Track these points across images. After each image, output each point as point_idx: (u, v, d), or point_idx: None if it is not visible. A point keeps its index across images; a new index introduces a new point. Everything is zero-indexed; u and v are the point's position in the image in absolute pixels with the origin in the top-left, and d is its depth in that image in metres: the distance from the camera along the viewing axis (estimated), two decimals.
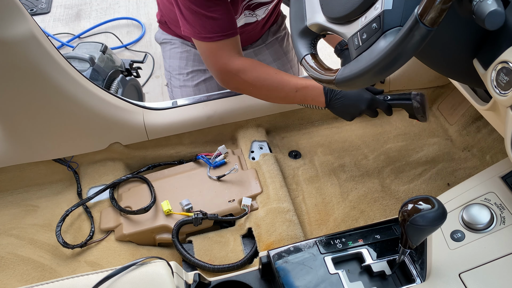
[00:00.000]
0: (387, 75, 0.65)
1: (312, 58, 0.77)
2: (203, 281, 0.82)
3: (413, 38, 0.57)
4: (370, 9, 0.65)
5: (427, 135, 1.38)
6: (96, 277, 0.71)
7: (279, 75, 1.14)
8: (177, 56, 1.50)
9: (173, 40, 1.50)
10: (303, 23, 0.79)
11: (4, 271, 1.07)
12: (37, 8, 2.98)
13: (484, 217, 0.79)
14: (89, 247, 1.12)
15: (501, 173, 0.85)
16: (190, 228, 1.12)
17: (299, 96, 1.15)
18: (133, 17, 2.89)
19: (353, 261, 0.83)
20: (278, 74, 1.14)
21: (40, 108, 1.11)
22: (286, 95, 1.16)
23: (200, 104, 1.31)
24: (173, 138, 1.31)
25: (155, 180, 1.23)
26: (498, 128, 0.81)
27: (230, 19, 1.11)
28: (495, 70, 0.64)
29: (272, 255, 0.83)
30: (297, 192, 1.24)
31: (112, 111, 1.21)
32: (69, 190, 1.26)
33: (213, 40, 1.11)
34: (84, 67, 1.60)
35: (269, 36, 1.54)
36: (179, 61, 1.49)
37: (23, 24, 0.96)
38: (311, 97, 1.14)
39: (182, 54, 1.49)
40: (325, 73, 0.73)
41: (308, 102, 1.17)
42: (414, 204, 0.66)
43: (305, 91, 1.13)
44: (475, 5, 0.57)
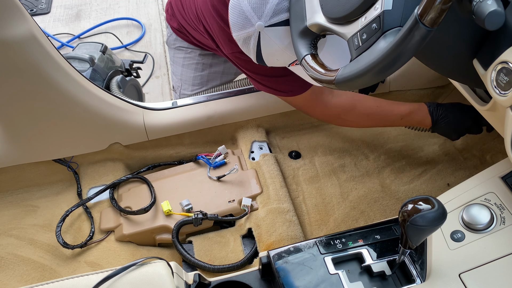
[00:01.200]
0: (387, 75, 0.65)
1: (312, 58, 0.77)
2: (203, 281, 0.82)
3: (413, 39, 0.57)
4: (370, 9, 0.65)
5: (427, 135, 1.38)
6: (96, 278, 0.71)
7: (380, 107, 1.15)
8: (191, 67, 1.47)
9: (190, 48, 1.45)
10: (303, 23, 0.79)
11: (4, 271, 1.07)
12: (37, 8, 2.98)
13: (484, 217, 0.79)
14: (89, 248, 1.12)
15: (501, 173, 0.85)
16: (190, 228, 1.12)
17: (405, 122, 1.16)
18: (133, 18, 2.89)
19: (353, 261, 0.83)
20: (380, 106, 1.15)
21: (40, 109, 1.11)
22: (391, 124, 1.18)
23: (200, 104, 1.31)
24: (173, 138, 1.31)
25: (155, 180, 1.23)
26: (498, 128, 0.81)
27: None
28: (495, 70, 0.64)
29: (272, 256, 0.83)
30: (297, 193, 1.24)
31: (112, 111, 1.21)
32: (69, 190, 1.26)
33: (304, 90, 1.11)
34: (84, 67, 1.60)
35: None
36: (194, 73, 1.46)
37: (23, 24, 0.96)
38: (416, 121, 1.15)
39: (198, 66, 1.45)
40: (325, 73, 0.73)
41: (414, 125, 1.18)
42: (414, 204, 0.66)
43: (410, 117, 1.14)
44: (475, 5, 0.57)
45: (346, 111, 1.15)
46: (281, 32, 0.86)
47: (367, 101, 1.16)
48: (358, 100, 1.15)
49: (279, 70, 1.05)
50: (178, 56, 1.50)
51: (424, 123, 1.15)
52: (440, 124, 1.14)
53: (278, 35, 0.86)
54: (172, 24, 1.46)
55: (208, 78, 1.46)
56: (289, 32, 0.85)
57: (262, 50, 0.90)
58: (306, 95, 1.13)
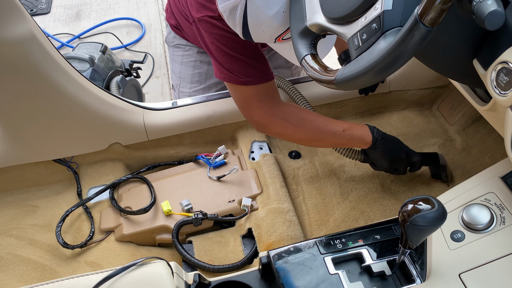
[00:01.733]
0: (387, 75, 0.65)
1: (312, 58, 0.77)
2: (203, 281, 0.82)
3: (413, 39, 0.57)
4: (370, 9, 0.65)
5: (427, 135, 1.38)
6: (96, 278, 0.71)
7: (323, 117, 1.13)
8: (190, 64, 1.47)
9: (188, 46, 1.46)
10: (303, 23, 0.79)
11: (4, 271, 1.07)
12: (37, 8, 2.98)
13: (484, 217, 0.79)
14: (89, 248, 1.12)
15: (501, 173, 0.85)
16: (190, 228, 1.12)
17: (347, 136, 1.12)
18: (133, 18, 2.89)
19: (353, 262, 0.83)
20: (322, 116, 1.13)
21: (40, 109, 1.11)
22: (333, 135, 1.12)
23: (200, 104, 1.31)
24: (173, 138, 1.31)
25: (155, 180, 1.23)
26: (498, 129, 0.81)
27: (266, 62, 1.09)
28: (495, 70, 0.64)
29: (272, 256, 0.83)
30: (297, 193, 1.24)
31: (112, 111, 1.21)
32: (69, 190, 1.26)
33: (253, 83, 1.07)
34: (84, 67, 1.60)
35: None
36: (192, 70, 1.47)
37: (23, 24, 0.96)
38: (358, 136, 1.12)
39: (196, 64, 1.46)
40: (325, 73, 0.73)
41: (354, 141, 1.14)
42: (414, 204, 0.66)
43: (352, 130, 1.12)
44: (475, 5, 0.57)
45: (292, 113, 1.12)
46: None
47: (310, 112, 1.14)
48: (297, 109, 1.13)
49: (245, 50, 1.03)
50: (176, 54, 1.50)
51: (364, 140, 1.12)
52: (377, 147, 1.13)
53: (265, 2, 0.85)
54: (171, 22, 1.46)
55: (207, 75, 1.46)
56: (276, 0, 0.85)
57: (249, 20, 0.89)
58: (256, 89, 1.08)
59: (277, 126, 1.12)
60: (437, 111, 1.45)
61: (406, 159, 1.16)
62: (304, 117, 1.11)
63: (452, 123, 1.39)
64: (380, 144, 1.12)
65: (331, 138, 1.12)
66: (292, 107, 1.13)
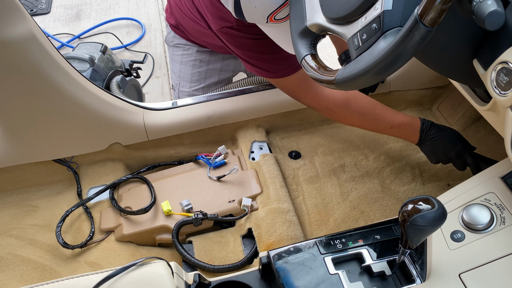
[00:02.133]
0: (387, 75, 0.65)
1: (312, 59, 0.77)
2: (203, 281, 0.82)
3: (413, 39, 0.57)
4: (370, 9, 0.65)
5: None
6: (96, 278, 0.71)
7: (374, 109, 1.12)
8: (189, 64, 1.48)
9: (187, 45, 1.47)
10: (303, 23, 0.79)
11: (4, 271, 1.07)
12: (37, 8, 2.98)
13: (484, 218, 0.79)
14: (89, 248, 1.12)
15: (501, 173, 0.85)
16: (190, 228, 1.12)
17: (393, 132, 1.14)
18: (133, 18, 2.89)
19: (353, 262, 0.83)
20: (373, 109, 1.12)
21: (40, 109, 1.11)
22: (380, 129, 1.16)
23: (200, 105, 1.31)
24: (173, 138, 1.31)
25: (155, 180, 1.23)
26: (498, 129, 0.81)
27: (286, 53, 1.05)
28: (495, 71, 0.64)
29: (272, 256, 0.83)
30: (297, 193, 1.24)
31: (112, 111, 1.21)
32: (69, 190, 1.26)
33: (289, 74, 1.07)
34: (84, 67, 1.60)
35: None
36: (192, 70, 1.47)
37: (23, 24, 0.96)
38: (405, 135, 1.14)
39: (195, 63, 1.46)
40: (325, 73, 0.73)
41: (401, 137, 1.15)
42: (414, 204, 0.66)
43: (400, 129, 1.12)
44: (475, 5, 0.57)
45: (338, 105, 1.12)
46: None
47: (362, 100, 1.13)
48: (353, 97, 1.12)
49: (267, 47, 1.03)
50: (176, 53, 1.50)
51: (411, 139, 1.13)
52: (426, 143, 1.12)
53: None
54: (170, 22, 1.46)
55: (206, 75, 1.46)
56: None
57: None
58: (296, 78, 1.09)
59: (324, 112, 1.17)
60: (437, 111, 1.45)
61: (458, 157, 1.11)
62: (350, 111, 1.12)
63: (452, 123, 1.39)
64: (429, 142, 1.11)
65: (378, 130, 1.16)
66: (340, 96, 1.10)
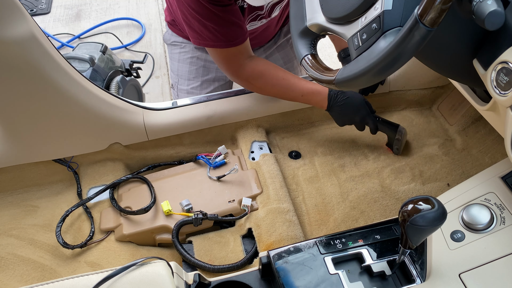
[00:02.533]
0: (387, 75, 0.65)
1: (312, 58, 0.77)
2: (203, 281, 0.82)
3: (413, 39, 0.57)
4: (370, 9, 0.65)
5: (427, 136, 1.38)
6: (96, 278, 0.71)
7: (286, 80, 1.23)
8: (187, 61, 1.49)
9: (184, 43, 1.48)
10: (303, 23, 0.79)
11: (4, 271, 1.07)
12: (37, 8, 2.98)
13: (484, 217, 0.79)
14: (89, 248, 1.12)
15: (501, 173, 0.85)
16: (190, 228, 1.12)
17: (304, 100, 1.25)
18: (133, 18, 2.89)
19: (353, 261, 0.83)
20: (285, 79, 1.23)
21: (40, 108, 1.11)
22: (292, 98, 1.27)
23: (200, 105, 1.31)
24: (173, 138, 1.31)
25: (155, 180, 1.23)
26: (498, 129, 0.81)
27: (236, 28, 1.16)
28: (495, 70, 0.64)
29: (272, 256, 0.83)
30: (297, 193, 1.24)
31: (112, 111, 1.21)
32: (69, 190, 1.26)
33: (221, 47, 1.17)
34: (84, 67, 1.60)
35: (280, 37, 1.54)
36: (189, 67, 1.49)
37: (23, 24, 0.96)
38: (315, 101, 1.25)
39: (192, 60, 1.48)
40: (325, 73, 0.73)
41: (312, 104, 1.26)
42: (414, 204, 0.66)
43: (310, 97, 1.24)
44: (475, 5, 0.57)
45: (255, 77, 1.23)
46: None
47: (276, 71, 1.23)
48: (267, 69, 1.23)
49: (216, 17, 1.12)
50: (174, 51, 1.51)
51: (320, 104, 1.25)
52: (334, 109, 1.24)
53: None
54: (167, 20, 1.47)
55: (203, 71, 1.48)
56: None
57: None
58: (226, 52, 1.19)
59: (244, 84, 1.28)
60: (437, 111, 1.45)
61: (361, 122, 1.24)
62: (265, 82, 1.23)
63: (452, 123, 1.39)
64: (336, 108, 1.23)
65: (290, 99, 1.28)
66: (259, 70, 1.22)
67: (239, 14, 1.17)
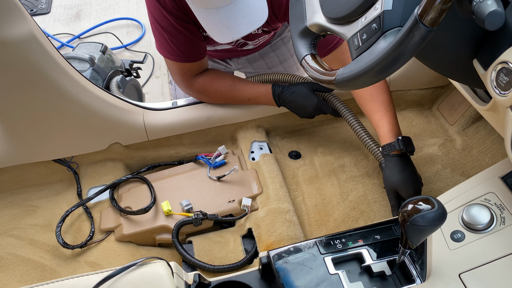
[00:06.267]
0: (387, 75, 0.65)
1: (312, 59, 0.77)
2: (203, 281, 0.82)
3: (413, 39, 0.57)
4: (370, 9, 0.65)
5: (427, 136, 1.38)
6: (96, 278, 0.71)
7: (233, 86, 1.25)
8: None
9: None
10: (303, 23, 0.79)
11: (4, 271, 1.07)
12: (37, 8, 2.98)
13: (484, 218, 0.79)
14: (89, 248, 1.12)
15: (501, 173, 0.85)
16: (190, 228, 1.12)
17: (252, 102, 1.28)
18: (133, 18, 2.89)
19: (353, 262, 0.83)
20: (233, 86, 1.26)
21: (40, 109, 1.11)
22: (241, 103, 1.30)
23: (200, 105, 1.31)
24: (173, 138, 1.31)
25: (155, 180, 1.23)
26: (498, 129, 0.81)
27: (192, 47, 1.17)
28: (495, 71, 0.64)
29: (272, 256, 0.83)
30: (297, 193, 1.24)
31: (112, 111, 1.21)
32: (69, 190, 1.26)
33: (176, 60, 1.20)
34: (84, 67, 1.60)
35: (274, 37, 1.54)
36: None
37: (23, 24, 0.96)
38: (263, 102, 1.27)
39: None
40: (325, 74, 0.73)
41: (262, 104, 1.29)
42: (414, 204, 0.66)
43: (256, 99, 1.27)
44: (475, 5, 0.57)
45: (205, 88, 1.26)
46: None
47: (224, 80, 1.26)
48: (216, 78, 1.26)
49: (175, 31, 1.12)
50: None
51: (270, 104, 1.26)
52: (285, 105, 1.25)
53: None
54: None
55: None
56: None
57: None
58: (183, 65, 1.21)
59: (196, 97, 1.30)
60: (437, 111, 1.45)
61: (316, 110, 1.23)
62: (214, 92, 1.26)
63: (452, 123, 1.39)
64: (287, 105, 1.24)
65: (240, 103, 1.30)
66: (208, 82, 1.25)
67: (199, 34, 1.18)
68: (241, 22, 0.97)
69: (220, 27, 0.98)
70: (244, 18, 0.97)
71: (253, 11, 0.98)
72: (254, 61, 1.53)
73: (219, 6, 0.95)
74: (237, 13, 0.96)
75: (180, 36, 1.14)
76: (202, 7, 0.97)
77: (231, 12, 0.96)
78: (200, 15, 0.99)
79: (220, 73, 1.28)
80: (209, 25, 0.99)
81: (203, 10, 0.98)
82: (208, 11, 0.97)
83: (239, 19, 0.97)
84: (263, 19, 0.99)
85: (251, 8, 0.97)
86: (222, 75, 1.27)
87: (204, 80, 1.25)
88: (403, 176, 1.07)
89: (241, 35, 0.99)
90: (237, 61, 1.54)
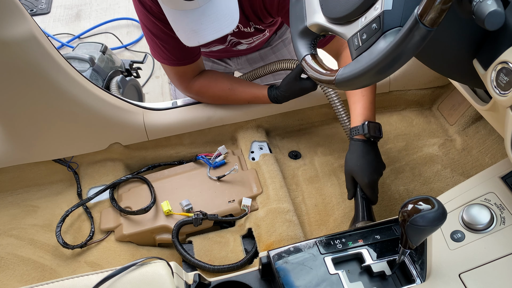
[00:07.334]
0: (387, 75, 0.65)
1: (312, 59, 0.77)
2: (203, 281, 0.82)
3: (413, 39, 0.57)
4: (370, 9, 0.65)
5: (427, 136, 1.38)
6: (96, 278, 0.71)
7: (232, 89, 1.26)
8: None
9: None
10: (303, 23, 0.79)
11: (4, 271, 1.07)
12: (37, 8, 2.98)
13: (484, 217, 0.79)
14: (89, 248, 1.12)
15: (501, 173, 0.85)
16: (190, 228, 1.12)
17: (252, 103, 1.30)
18: (133, 18, 2.89)
19: (353, 262, 0.83)
20: (231, 90, 1.26)
21: (40, 109, 1.11)
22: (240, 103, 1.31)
23: (200, 105, 1.31)
24: (173, 138, 1.31)
25: (155, 180, 1.23)
26: (498, 129, 0.81)
27: (184, 50, 1.16)
28: (495, 71, 0.64)
29: (272, 256, 0.83)
30: (297, 193, 1.24)
31: (112, 111, 1.21)
32: (69, 190, 1.26)
33: (170, 64, 1.20)
34: (84, 67, 1.60)
35: (275, 39, 1.54)
36: None
37: (23, 24, 0.96)
38: (261, 103, 1.29)
39: None
40: (325, 74, 0.73)
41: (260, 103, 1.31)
42: (414, 204, 0.66)
43: (254, 101, 1.28)
44: (475, 5, 0.57)
45: (204, 90, 1.27)
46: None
47: (222, 82, 1.26)
48: (214, 81, 1.26)
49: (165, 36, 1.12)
50: None
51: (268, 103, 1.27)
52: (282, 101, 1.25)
53: None
54: None
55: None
56: None
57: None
58: (178, 69, 1.22)
59: (196, 98, 1.31)
60: (437, 111, 1.45)
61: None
62: (213, 94, 1.27)
63: (452, 123, 1.39)
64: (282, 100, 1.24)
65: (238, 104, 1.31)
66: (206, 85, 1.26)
67: None
68: (208, 27, 0.97)
69: (187, 30, 0.98)
70: (212, 24, 0.97)
71: (222, 17, 0.98)
72: (254, 62, 1.53)
73: (188, 8, 0.95)
74: (204, 18, 0.96)
75: (170, 41, 1.13)
76: (171, 8, 0.98)
77: (199, 16, 0.96)
78: (169, 16, 0.99)
79: (218, 75, 1.28)
80: (177, 26, 0.99)
81: (173, 11, 0.98)
82: (177, 12, 0.97)
83: (206, 24, 0.97)
84: (232, 26, 0.99)
85: (220, 14, 0.97)
86: (220, 78, 1.27)
87: (201, 83, 1.26)
88: (361, 162, 1.06)
89: (207, 40, 0.98)
90: (236, 61, 1.54)
